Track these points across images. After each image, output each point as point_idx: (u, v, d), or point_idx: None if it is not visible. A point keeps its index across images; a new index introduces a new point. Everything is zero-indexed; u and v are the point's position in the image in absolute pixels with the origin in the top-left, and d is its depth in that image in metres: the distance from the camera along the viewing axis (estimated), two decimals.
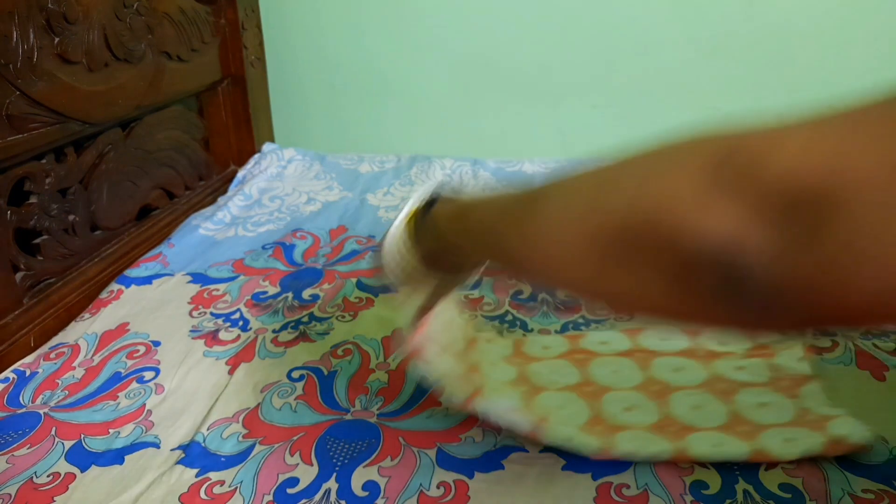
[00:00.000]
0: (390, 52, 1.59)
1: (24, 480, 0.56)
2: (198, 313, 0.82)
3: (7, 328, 0.76)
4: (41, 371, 0.71)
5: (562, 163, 1.35)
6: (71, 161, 0.87)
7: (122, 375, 0.70)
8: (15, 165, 0.77)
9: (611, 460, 0.55)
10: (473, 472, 0.56)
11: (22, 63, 0.75)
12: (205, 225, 1.08)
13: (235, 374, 0.70)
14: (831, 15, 1.44)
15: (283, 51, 1.58)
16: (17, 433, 0.61)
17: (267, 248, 1.01)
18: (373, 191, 1.24)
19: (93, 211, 0.92)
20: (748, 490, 0.53)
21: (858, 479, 0.54)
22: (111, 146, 0.95)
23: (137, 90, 0.99)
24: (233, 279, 0.91)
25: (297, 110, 1.66)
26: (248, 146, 1.38)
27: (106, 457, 0.58)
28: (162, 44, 1.06)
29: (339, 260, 0.97)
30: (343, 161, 1.38)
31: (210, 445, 0.59)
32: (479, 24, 1.55)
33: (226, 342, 0.76)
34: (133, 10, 0.97)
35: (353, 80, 1.62)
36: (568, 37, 1.54)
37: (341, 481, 0.55)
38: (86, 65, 0.86)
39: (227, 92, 1.33)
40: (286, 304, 0.84)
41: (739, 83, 1.56)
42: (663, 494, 0.53)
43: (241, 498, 0.53)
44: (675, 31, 1.51)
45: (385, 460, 0.57)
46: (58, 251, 0.85)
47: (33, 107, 0.77)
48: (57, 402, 0.66)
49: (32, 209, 0.80)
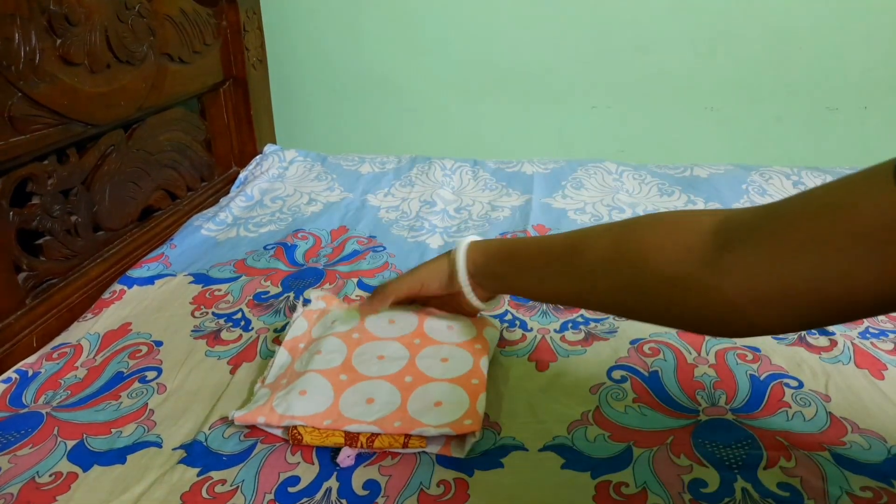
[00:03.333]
0: (391, 53, 1.60)
1: (27, 480, 0.56)
2: (199, 313, 0.82)
3: (10, 328, 0.76)
4: (43, 371, 0.71)
5: (561, 163, 1.35)
6: (73, 162, 0.87)
7: (125, 375, 0.70)
8: (17, 166, 0.77)
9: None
10: (473, 471, 0.56)
11: (24, 64, 0.75)
12: (207, 226, 1.08)
13: (237, 373, 0.70)
14: (830, 15, 1.45)
15: (285, 52, 1.58)
16: (19, 433, 0.62)
17: (268, 249, 1.01)
18: (374, 191, 1.25)
19: (95, 212, 0.93)
20: (746, 488, 0.53)
21: (857, 477, 0.54)
22: (113, 147, 0.96)
23: (139, 92, 1.00)
24: (234, 279, 0.91)
25: (298, 112, 1.66)
26: (250, 147, 1.39)
27: (108, 456, 0.59)
28: (164, 45, 1.06)
29: (340, 260, 0.97)
30: (344, 162, 1.38)
31: (212, 445, 0.60)
32: (479, 25, 1.56)
33: (227, 342, 0.76)
34: (135, 12, 0.97)
35: (354, 81, 1.62)
36: (568, 38, 1.55)
37: (342, 480, 0.55)
38: (88, 66, 0.87)
39: (229, 93, 1.33)
40: (287, 304, 0.84)
41: (739, 83, 1.56)
42: (662, 493, 0.53)
43: (242, 497, 0.54)
44: (674, 32, 1.51)
45: (385, 459, 0.57)
46: (60, 252, 0.86)
47: (35, 108, 0.77)
48: (59, 402, 0.66)
49: (35, 210, 0.81)
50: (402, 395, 0.61)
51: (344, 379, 0.63)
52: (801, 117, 1.58)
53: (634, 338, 0.75)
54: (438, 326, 0.70)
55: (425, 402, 0.59)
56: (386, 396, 0.60)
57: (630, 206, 1.17)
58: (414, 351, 0.67)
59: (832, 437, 0.59)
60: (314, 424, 0.57)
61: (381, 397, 0.60)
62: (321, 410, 0.59)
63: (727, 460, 0.56)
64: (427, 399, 0.60)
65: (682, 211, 0.59)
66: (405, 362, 0.65)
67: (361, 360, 0.65)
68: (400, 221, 1.12)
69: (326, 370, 0.63)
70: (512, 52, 1.58)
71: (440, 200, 1.20)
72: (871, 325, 0.78)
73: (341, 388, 0.61)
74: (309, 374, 0.63)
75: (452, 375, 0.63)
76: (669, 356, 0.71)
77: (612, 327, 0.77)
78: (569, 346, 0.74)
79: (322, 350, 0.66)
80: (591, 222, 1.10)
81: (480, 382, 0.63)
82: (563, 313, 0.81)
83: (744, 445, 0.58)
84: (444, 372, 0.64)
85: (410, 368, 0.64)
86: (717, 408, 0.63)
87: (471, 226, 1.10)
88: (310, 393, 0.60)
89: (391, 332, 0.70)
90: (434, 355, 0.66)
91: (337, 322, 0.72)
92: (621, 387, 0.66)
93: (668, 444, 0.58)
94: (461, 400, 0.60)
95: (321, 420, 0.58)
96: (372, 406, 0.59)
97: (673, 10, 1.49)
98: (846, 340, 0.73)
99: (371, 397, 0.60)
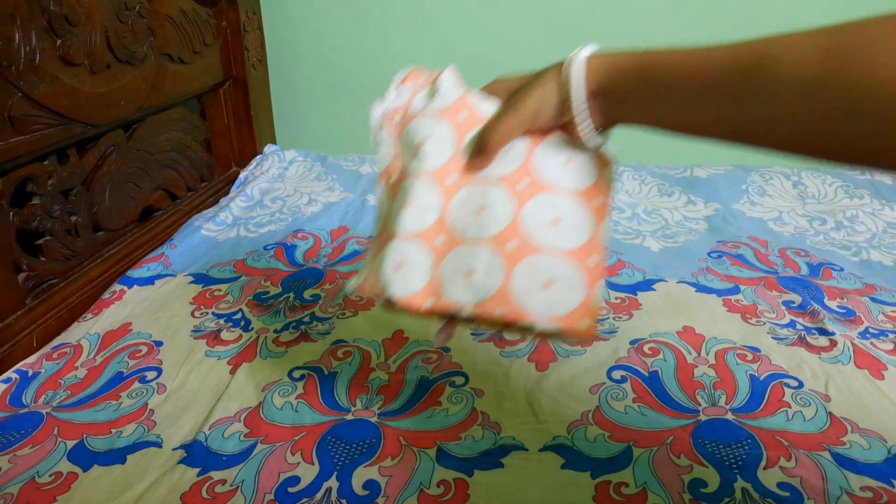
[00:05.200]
0: (391, 53, 1.59)
1: (27, 480, 0.56)
2: (200, 313, 0.82)
3: (10, 329, 0.76)
4: (43, 371, 0.71)
5: None
6: (73, 162, 0.87)
7: (125, 375, 0.70)
8: (17, 167, 0.77)
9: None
10: (473, 471, 0.56)
11: (24, 65, 0.75)
12: (207, 226, 1.08)
13: (237, 373, 0.70)
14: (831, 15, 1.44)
15: (285, 52, 1.58)
16: (19, 433, 0.62)
17: (268, 249, 1.01)
18: (374, 192, 1.25)
19: (95, 212, 0.93)
20: (746, 488, 0.53)
21: (857, 477, 0.54)
22: (113, 147, 0.96)
23: (139, 92, 1.00)
24: (234, 280, 0.91)
25: (298, 112, 1.66)
26: (250, 147, 1.39)
27: (108, 456, 0.59)
28: (163, 46, 1.06)
29: (340, 260, 0.97)
30: (344, 162, 1.38)
31: (212, 445, 0.60)
32: (479, 25, 1.56)
33: (227, 342, 0.76)
34: (135, 13, 0.97)
35: (354, 81, 1.62)
36: (568, 37, 1.55)
37: (342, 480, 0.55)
38: (88, 66, 0.87)
39: (229, 93, 1.33)
40: (287, 304, 0.84)
41: None
42: (662, 493, 0.53)
43: (242, 497, 0.54)
44: (674, 32, 1.51)
45: (385, 459, 0.57)
46: (60, 252, 0.86)
47: (35, 108, 0.77)
48: (59, 402, 0.66)
49: (35, 210, 0.81)
50: (505, 266, 0.49)
51: (440, 244, 0.51)
52: None
53: (634, 338, 0.75)
54: (552, 161, 0.52)
55: (533, 280, 0.48)
56: (486, 268, 0.49)
57: (630, 206, 1.17)
58: (520, 200, 0.51)
59: (832, 437, 0.59)
60: (413, 307, 0.49)
61: (481, 268, 0.49)
62: (419, 290, 0.49)
63: (727, 460, 0.56)
64: (535, 276, 0.48)
65: None
66: (509, 219, 0.51)
67: (459, 214, 0.52)
68: None
69: (421, 232, 0.51)
70: (513, 52, 1.58)
71: None
72: (871, 325, 0.78)
73: (440, 257, 0.50)
74: (402, 241, 0.51)
75: (566, 246, 0.49)
76: (669, 356, 0.71)
77: (612, 327, 0.77)
78: (569, 346, 0.74)
79: (413, 200, 0.52)
80: None
81: (600, 263, 0.49)
82: None
83: (744, 445, 0.58)
84: (556, 240, 0.50)
85: (515, 228, 0.50)
86: (717, 408, 0.63)
87: None
88: (406, 268, 0.50)
89: (493, 167, 0.53)
90: (544, 212, 0.51)
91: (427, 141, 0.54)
92: (621, 387, 0.67)
93: (668, 444, 0.58)
94: (576, 284, 0.48)
95: (420, 302, 0.49)
96: (472, 281, 0.49)
97: (674, 11, 1.49)
98: (846, 340, 0.73)
99: (470, 269, 0.49)
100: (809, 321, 0.78)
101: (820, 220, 1.11)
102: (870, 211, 1.12)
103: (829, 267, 0.94)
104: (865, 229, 1.07)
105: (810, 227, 1.08)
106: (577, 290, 0.47)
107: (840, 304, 0.83)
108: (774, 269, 0.93)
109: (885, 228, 1.07)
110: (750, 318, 0.79)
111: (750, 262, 0.96)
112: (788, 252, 0.99)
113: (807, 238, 1.04)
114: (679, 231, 1.07)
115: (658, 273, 0.92)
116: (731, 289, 0.87)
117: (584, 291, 0.47)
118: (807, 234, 1.06)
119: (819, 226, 1.09)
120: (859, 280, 0.90)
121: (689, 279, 0.90)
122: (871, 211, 1.12)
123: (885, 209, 1.13)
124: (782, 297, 0.84)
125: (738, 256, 0.97)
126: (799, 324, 0.78)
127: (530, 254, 0.49)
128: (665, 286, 0.88)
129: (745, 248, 1.00)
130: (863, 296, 0.85)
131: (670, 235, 1.05)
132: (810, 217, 1.12)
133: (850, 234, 1.06)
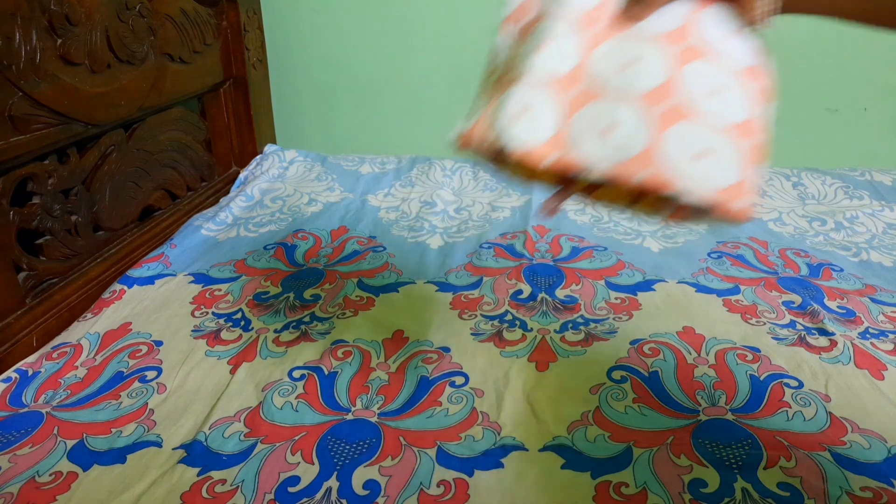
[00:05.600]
0: (391, 53, 1.59)
1: (27, 479, 0.56)
2: (200, 313, 0.82)
3: (10, 328, 0.76)
4: (43, 371, 0.71)
5: None
6: (73, 162, 0.87)
7: (125, 375, 0.70)
8: (18, 166, 0.77)
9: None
10: (473, 471, 0.56)
11: (25, 64, 0.75)
12: (207, 225, 1.08)
13: (237, 373, 0.70)
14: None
15: (285, 52, 1.58)
16: (19, 432, 0.62)
17: (268, 249, 1.01)
18: (374, 192, 1.25)
19: (95, 211, 0.93)
20: (746, 488, 0.53)
21: (857, 477, 0.54)
22: (114, 147, 0.96)
23: (140, 91, 1.00)
24: (234, 279, 0.91)
25: (298, 112, 1.66)
26: (250, 147, 1.39)
27: (108, 456, 0.59)
28: (164, 45, 1.06)
29: (340, 260, 0.97)
30: (344, 162, 1.38)
31: (212, 444, 0.60)
32: (479, 25, 1.56)
33: (227, 342, 0.76)
34: (135, 12, 0.97)
35: (354, 81, 1.62)
36: None
37: (342, 480, 0.55)
38: (88, 66, 0.87)
39: (229, 93, 1.33)
40: (287, 303, 0.84)
41: None
42: (662, 493, 0.53)
43: (242, 497, 0.54)
44: None
45: (385, 459, 0.57)
46: (60, 251, 0.86)
47: (36, 108, 0.77)
48: (59, 402, 0.66)
49: (35, 210, 0.81)
50: (655, 126, 0.42)
51: (574, 94, 0.44)
52: (800, 118, 1.57)
53: (634, 338, 0.75)
54: (718, 30, 0.46)
55: (685, 148, 0.41)
56: (631, 125, 0.42)
57: None
58: (678, 62, 0.44)
59: (832, 437, 0.59)
60: (532, 159, 0.42)
61: (624, 126, 0.42)
62: (544, 141, 0.43)
63: (727, 460, 0.56)
64: (688, 143, 0.42)
65: None
66: (663, 78, 0.43)
67: (602, 66, 0.45)
68: (400, 222, 1.12)
69: (554, 79, 0.44)
70: None
71: (440, 201, 1.20)
72: (871, 325, 0.78)
73: (572, 109, 0.44)
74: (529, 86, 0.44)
75: (728, 118, 0.43)
76: (669, 356, 0.71)
77: (612, 328, 0.77)
78: (569, 346, 0.74)
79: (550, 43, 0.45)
80: (592, 223, 1.10)
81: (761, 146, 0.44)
82: (563, 314, 0.81)
83: (744, 445, 0.58)
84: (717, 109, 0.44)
85: (670, 88, 0.43)
86: (717, 408, 0.63)
87: (471, 226, 1.10)
88: (531, 113, 0.44)
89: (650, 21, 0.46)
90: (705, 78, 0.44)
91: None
92: (621, 387, 0.67)
93: (668, 444, 0.58)
94: (733, 160, 0.42)
95: (543, 154, 0.42)
96: (611, 138, 0.42)
97: None
98: (846, 341, 0.73)
99: (610, 125, 0.43)
100: (809, 321, 0.78)
101: (820, 221, 1.11)
102: (869, 212, 1.12)
103: (829, 267, 0.94)
104: (865, 230, 1.07)
105: (810, 228, 1.09)
106: (733, 168, 0.41)
107: (840, 304, 0.83)
108: (774, 269, 0.93)
109: (884, 229, 1.07)
110: (750, 319, 0.79)
111: (750, 262, 0.96)
112: (788, 252, 0.99)
113: (807, 238, 1.04)
114: (679, 231, 1.07)
115: (658, 273, 0.92)
116: (731, 289, 0.87)
117: (741, 171, 0.41)
118: (807, 234, 1.06)
119: (819, 226, 1.09)
120: (859, 280, 0.90)
121: (689, 279, 0.90)
122: (870, 212, 1.12)
123: (884, 210, 1.13)
124: (782, 298, 0.85)
125: (738, 257, 0.97)
126: (799, 324, 0.78)
127: (685, 118, 0.43)
128: (665, 286, 0.88)
129: (744, 248, 1.00)
130: (863, 296, 0.85)
131: (670, 236, 1.05)
132: (810, 218, 1.12)
133: (849, 235, 1.06)
